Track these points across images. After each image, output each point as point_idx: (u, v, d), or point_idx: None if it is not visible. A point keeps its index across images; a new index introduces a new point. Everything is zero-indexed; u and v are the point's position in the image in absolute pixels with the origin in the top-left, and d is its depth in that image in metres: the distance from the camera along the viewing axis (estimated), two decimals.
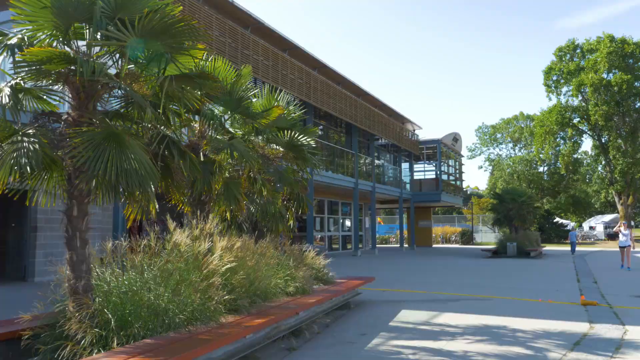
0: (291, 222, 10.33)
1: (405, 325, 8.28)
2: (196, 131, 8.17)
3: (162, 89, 5.30)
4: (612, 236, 52.79)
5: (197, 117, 8.01)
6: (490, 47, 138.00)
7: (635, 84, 45.24)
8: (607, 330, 7.84)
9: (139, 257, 5.70)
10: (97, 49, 5.35)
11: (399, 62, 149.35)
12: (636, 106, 46.68)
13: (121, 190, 5.25)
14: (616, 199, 49.81)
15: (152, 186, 5.06)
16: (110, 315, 4.86)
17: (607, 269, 19.83)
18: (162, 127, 6.15)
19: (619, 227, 19.63)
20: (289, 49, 22.10)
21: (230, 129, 8.98)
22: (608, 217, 61.21)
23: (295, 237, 11.63)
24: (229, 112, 8.40)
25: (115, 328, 4.81)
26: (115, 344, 4.66)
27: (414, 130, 37.46)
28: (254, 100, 9.01)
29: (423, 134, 38.75)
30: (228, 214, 8.60)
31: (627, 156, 45.61)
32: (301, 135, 9.38)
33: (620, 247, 19.51)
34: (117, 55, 5.35)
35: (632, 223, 18.93)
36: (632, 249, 19.93)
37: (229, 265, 6.28)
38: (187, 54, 5.43)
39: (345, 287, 9.69)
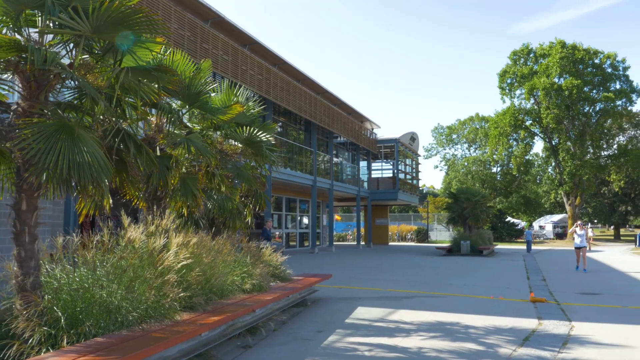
0: (249, 218, 10.25)
1: (361, 322, 8.35)
2: (153, 125, 8.01)
3: (118, 81, 5.16)
4: (561, 235, 54.70)
5: (154, 111, 7.85)
6: (448, 50, 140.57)
7: (585, 89, 46.87)
8: (555, 326, 8.11)
9: (92, 254, 5.54)
10: (50, 37, 5.16)
11: (359, 60, 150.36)
12: (585, 110, 48.39)
13: (73, 184, 5.08)
14: (565, 200, 51.55)
15: (106, 180, 4.92)
16: (60, 313, 4.71)
17: (555, 267, 20.51)
18: (118, 120, 5.99)
19: (576, 227, 18.27)
20: (249, 45, 21.93)
21: (188, 124, 8.85)
22: (557, 217, 63.33)
23: (252, 234, 11.56)
24: (187, 107, 8.27)
25: (65, 326, 4.67)
26: (65, 342, 4.52)
27: (373, 129, 37.81)
28: (212, 95, 8.89)
29: (381, 133, 39.22)
30: (185, 210, 8.47)
31: (576, 158, 47.25)
32: (260, 132, 9.32)
33: (575, 248, 18.24)
34: (72, 45, 5.18)
35: (589, 224, 18.35)
36: (587, 250, 19.09)
37: (184, 262, 6.19)
38: (145, 46, 5.30)
39: (302, 285, 9.70)
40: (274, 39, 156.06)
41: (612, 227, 60.05)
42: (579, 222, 18.70)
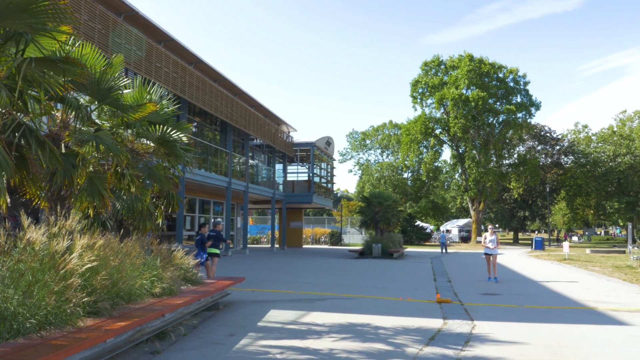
0: (160, 220, 9.94)
1: (273, 325, 8.34)
2: (58, 120, 7.58)
3: (20, 71, 4.84)
4: (465, 239, 57.47)
5: (60, 106, 7.43)
6: (364, 57, 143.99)
7: (490, 101, 49.62)
8: (459, 326, 8.51)
9: None
10: None
11: (276, 64, 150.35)
12: (489, 121, 51.21)
13: None
14: (470, 205, 54.24)
15: (3, 178, 4.59)
16: None
17: (460, 269, 21.51)
18: (19, 114, 5.61)
19: (487, 232, 16.47)
20: (164, 41, 21.32)
21: (97, 121, 8.45)
22: (462, 222, 66.55)
23: (164, 236, 11.23)
24: (97, 102, 7.89)
25: None
26: None
27: (289, 132, 37.92)
28: (124, 91, 8.54)
29: (298, 137, 39.44)
30: (91, 211, 8.06)
31: (480, 166, 49.89)
32: (174, 131, 9.05)
33: (485, 254, 16.31)
34: None
35: (492, 227, 16.67)
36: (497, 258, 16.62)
37: (89, 265, 5.90)
38: (50, 35, 5.01)
39: (215, 288, 9.54)
40: (191, 38, 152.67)
41: (511, 231, 63.91)
42: (490, 226, 16.60)
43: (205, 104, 23.56)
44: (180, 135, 9.06)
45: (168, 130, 8.98)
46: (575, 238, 71.65)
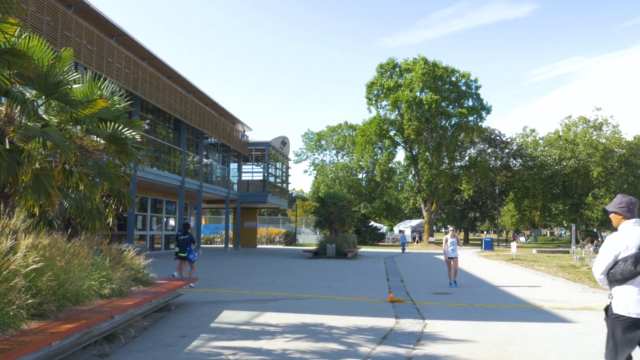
0: (110, 219, 9.68)
1: (226, 326, 8.26)
2: (2, 115, 7.27)
3: None
4: (419, 239, 58.47)
5: (4, 100, 7.13)
6: (320, 58, 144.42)
7: (443, 104, 50.58)
8: (410, 325, 8.65)
9: None
10: None
11: (231, 63, 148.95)
12: (442, 124, 52.21)
13: None
14: (422, 206, 55.17)
15: None
16: None
17: (412, 269, 21.86)
18: None
19: (447, 235, 15.46)
20: (116, 36, 20.79)
21: (44, 116, 8.16)
22: (415, 222, 67.67)
23: (114, 236, 10.95)
24: (44, 97, 7.62)
25: None
26: None
27: (244, 132, 37.64)
28: (74, 86, 8.27)
29: (253, 136, 39.22)
30: (37, 209, 7.78)
31: (433, 168, 50.83)
32: (125, 128, 8.83)
33: (447, 258, 15.26)
34: None
35: (454, 229, 15.66)
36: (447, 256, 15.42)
37: (34, 266, 5.68)
38: None
39: (166, 288, 9.37)
40: (144, 34, 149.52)
41: (462, 232, 65.47)
42: (451, 228, 15.63)
43: (159, 101, 23.11)
44: (132, 133, 8.85)
45: (119, 128, 8.75)
46: (522, 239, 73.95)
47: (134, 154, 9.13)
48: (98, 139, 8.89)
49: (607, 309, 4.67)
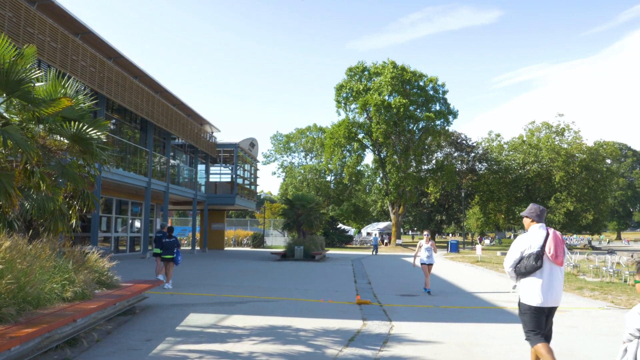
0: (73, 221, 9.46)
1: (192, 329, 8.17)
2: None
3: None
4: (387, 242, 58.96)
5: None
6: (288, 60, 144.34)
7: (410, 108, 51.14)
8: (377, 327, 8.71)
9: None
10: None
11: (200, 64, 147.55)
12: (410, 127, 52.78)
13: None
14: (390, 209, 55.64)
15: None
16: None
17: (380, 271, 22.01)
18: None
19: (424, 239, 14.18)
20: (82, 34, 20.36)
21: (5, 114, 7.94)
22: (383, 225, 68.23)
23: (77, 238, 10.73)
24: (5, 95, 7.41)
25: None
26: None
27: (213, 133, 37.30)
28: (37, 84, 8.08)
29: (221, 137, 38.84)
30: None
31: (400, 171, 51.32)
32: (90, 128, 8.65)
33: (422, 264, 14.10)
34: None
35: (429, 234, 14.80)
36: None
37: None
38: None
39: (131, 291, 9.21)
40: (111, 33, 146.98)
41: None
42: (425, 232, 14.58)
43: (125, 100, 22.73)
44: (97, 133, 8.68)
45: (84, 127, 8.57)
46: (487, 241, 75.26)
47: (99, 154, 8.96)
48: (61, 138, 8.69)
49: (519, 302, 5.62)
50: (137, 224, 30.89)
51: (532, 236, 5.53)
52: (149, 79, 26.14)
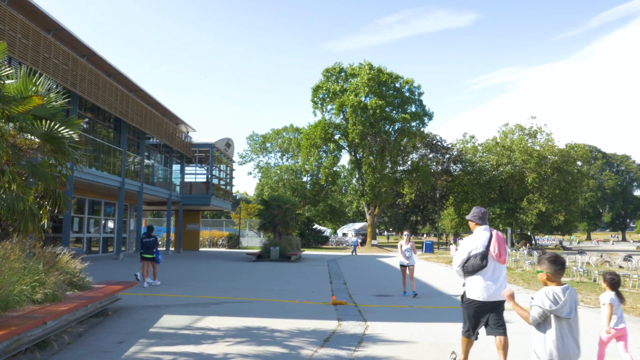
0: (44, 221, 9.29)
1: (166, 331, 8.09)
2: None
3: None
4: (363, 242, 59.24)
5: None
6: (265, 60, 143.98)
7: (387, 109, 51.43)
8: (352, 327, 8.75)
9: None
10: None
11: (176, 64, 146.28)
12: (386, 129, 53.07)
13: None
14: (365, 209, 55.86)
15: None
16: None
17: (355, 271, 22.09)
18: None
19: (404, 240, 13.71)
20: (54, 31, 20.00)
21: None
22: (358, 225, 68.50)
23: (48, 239, 10.52)
24: None
25: None
26: None
27: (188, 132, 36.98)
28: (7, 82, 7.91)
29: (197, 137, 38.52)
30: None
31: (376, 172, 51.57)
32: (62, 127, 8.50)
33: (401, 266, 13.77)
34: None
35: (409, 234, 13.83)
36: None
37: None
38: None
39: (103, 293, 9.08)
40: (84, 32, 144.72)
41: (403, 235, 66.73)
42: (405, 232, 14.23)
43: (98, 99, 22.39)
44: (69, 132, 8.54)
45: (56, 126, 8.42)
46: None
47: (71, 153, 8.81)
48: (32, 137, 8.53)
49: (463, 296, 6.02)
50: (111, 224, 30.47)
51: (478, 237, 5.95)
52: (123, 78, 25.79)
